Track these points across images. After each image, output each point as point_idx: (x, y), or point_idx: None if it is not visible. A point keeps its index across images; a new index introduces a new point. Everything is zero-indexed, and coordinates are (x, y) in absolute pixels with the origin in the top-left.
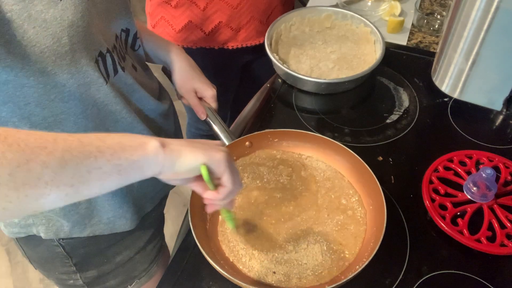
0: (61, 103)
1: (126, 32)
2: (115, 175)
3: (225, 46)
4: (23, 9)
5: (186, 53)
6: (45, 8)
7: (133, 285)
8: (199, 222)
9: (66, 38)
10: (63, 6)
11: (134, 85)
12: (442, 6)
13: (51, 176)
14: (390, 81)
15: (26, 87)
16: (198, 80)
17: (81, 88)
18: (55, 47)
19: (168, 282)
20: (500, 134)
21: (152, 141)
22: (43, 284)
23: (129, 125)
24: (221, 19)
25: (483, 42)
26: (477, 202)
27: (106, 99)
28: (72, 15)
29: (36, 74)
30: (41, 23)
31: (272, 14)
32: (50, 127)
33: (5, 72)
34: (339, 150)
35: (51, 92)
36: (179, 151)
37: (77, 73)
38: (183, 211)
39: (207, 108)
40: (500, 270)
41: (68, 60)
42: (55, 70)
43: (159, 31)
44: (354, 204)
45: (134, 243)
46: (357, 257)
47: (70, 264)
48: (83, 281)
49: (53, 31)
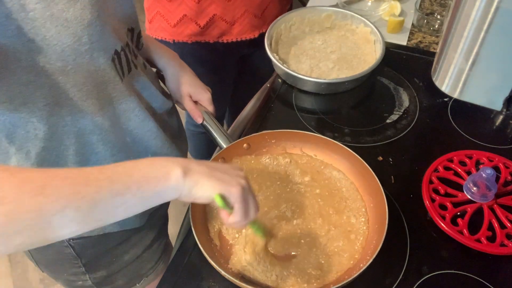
0: (80, 101)
1: (131, 32)
2: (139, 205)
3: (220, 40)
4: (45, 8)
5: (182, 48)
6: (65, 7)
7: (141, 283)
8: (199, 222)
9: (86, 37)
10: (81, 5)
11: (146, 82)
12: (442, 6)
13: (82, 217)
14: (390, 81)
15: (46, 87)
16: (192, 84)
17: (99, 86)
18: (75, 46)
19: (168, 282)
20: (500, 134)
21: (175, 170)
22: (43, 284)
23: (141, 122)
24: (216, 12)
25: (483, 42)
26: (477, 202)
27: (122, 97)
28: (90, 14)
29: (56, 74)
30: (62, 22)
31: (268, 8)
32: (67, 126)
33: (27, 72)
34: (339, 150)
35: (70, 91)
36: (196, 180)
37: (95, 72)
38: (183, 211)
39: (203, 112)
40: (500, 270)
41: (87, 59)
42: (75, 69)
43: (155, 26)
44: (356, 201)
45: (141, 241)
46: (360, 256)
47: (79, 265)
48: (92, 282)
49: (74, 30)
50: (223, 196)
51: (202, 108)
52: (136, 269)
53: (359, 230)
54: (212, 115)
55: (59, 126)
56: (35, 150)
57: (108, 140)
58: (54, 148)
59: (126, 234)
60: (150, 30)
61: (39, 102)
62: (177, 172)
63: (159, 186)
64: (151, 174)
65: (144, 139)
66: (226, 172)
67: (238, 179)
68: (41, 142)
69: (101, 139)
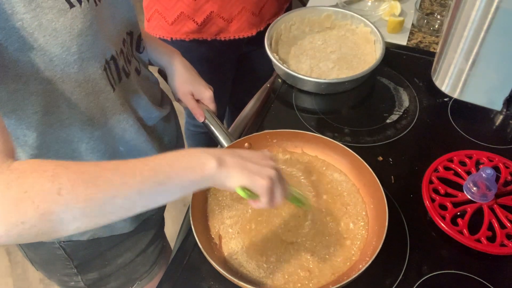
0: (68, 109)
1: (130, 35)
2: (178, 193)
3: (218, 38)
4: (34, 18)
5: (179, 46)
6: (55, 17)
7: (134, 286)
8: (199, 222)
9: (75, 47)
10: (72, 15)
11: (138, 91)
12: (442, 6)
13: (129, 204)
14: (390, 81)
15: (34, 95)
16: (194, 82)
17: (89, 96)
18: (64, 56)
19: (168, 282)
20: (500, 134)
21: (211, 161)
22: (43, 284)
23: (136, 133)
24: (213, 9)
25: (483, 42)
26: (477, 202)
27: (114, 108)
28: (81, 24)
29: (44, 82)
30: (51, 32)
31: (265, 6)
32: (56, 132)
33: (14, 81)
34: (340, 151)
35: (59, 99)
36: (229, 172)
37: (85, 82)
38: (183, 211)
39: (205, 110)
40: (500, 270)
41: (76, 69)
42: (63, 78)
43: (153, 24)
44: (357, 205)
45: (135, 245)
46: (359, 257)
47: (71, 266)
48: (84, 283)
49: (63, 40)
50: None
51: (204, 107)
52: (129, 273)
53: (356, 236)
54: (213, 113)
55: (48, 134)
56: (25, 156)
57: (97, 149)
58: (43, 155)
59: (118, 239)
60: (149, 29)
61: (28, 109)
62: (212, 163)
63: (196, 176)
64: (189, 165)
65: (138, 149)
66: (258, 162)
67: (268, 170)
68: (30, 149)
69: (90, 147)
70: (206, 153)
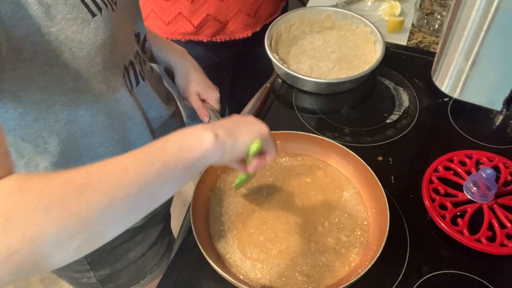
0: (90, 117)
1: (137, 37)
2: (183, 176)
3: (213, 39)
4: (60, 31)
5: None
6: (80, 29)
7: (145, 279)
8: (199, 221)
9: (100, 57)
10: (95, 25)
11: (152, 93)
12: (442, 6)
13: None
14: (390, 81)
15: (58, 104)
16: (201, 82)
17: (111, 103)
18: (89, 67)
19: (168, 282)
20: (500, 134)
21: (206, 134)
22: (43, 284)
23: (148, 135)
24: (209, 12)
25: (483, 42)
26: (477, 202)
27: (131, 112)
28: (103, 33)
29: (69, 93)
30: (77, 44)
31: (261, 7)
32: (77, 140)
33: (39, 92)
34: (345, 154)
35: (81, 108)
36: (232, 136)
37: (107, 90)
38: (183, 211)
39: (209, 110)
40: (500, 270)
41: (99, 78)
42: (87, 88)
43: (149, 24)
44: (358, 207)
45: (145, 239)
46: (359, 262)
47: (84, 263)
48: (97, 279)
49: (88, 51)
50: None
51: (209, 106)
52: (140, 267)
53: (355, 244)
54: (218, 113)
55: (70, 141)
56: (44, 164)
57: (115, 153)
58: (64, 163)
59: (130, 233)
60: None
61: (50, 119)
62: (209, 135)
63: (198, 153)
64: (185, 144)
65: None
66: (241, 120)
67: (260, 124)
68: (51, 156)
69: (109, 151)
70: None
